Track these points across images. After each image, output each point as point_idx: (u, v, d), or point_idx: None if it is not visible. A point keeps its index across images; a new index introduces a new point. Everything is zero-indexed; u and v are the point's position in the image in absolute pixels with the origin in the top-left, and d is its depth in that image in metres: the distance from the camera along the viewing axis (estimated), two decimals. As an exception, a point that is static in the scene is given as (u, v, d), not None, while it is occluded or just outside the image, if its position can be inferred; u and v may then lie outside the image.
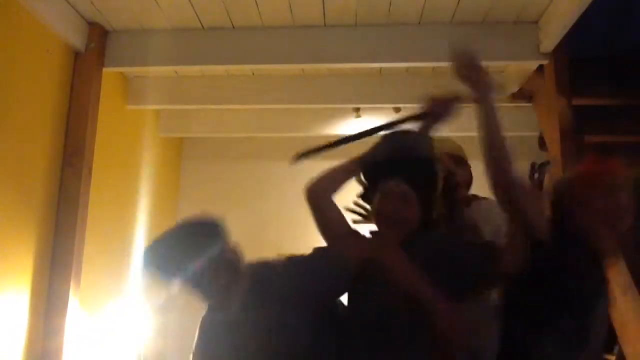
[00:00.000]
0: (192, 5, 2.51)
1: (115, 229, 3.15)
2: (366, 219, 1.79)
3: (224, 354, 1.44)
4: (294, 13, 2.57)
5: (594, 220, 1.41)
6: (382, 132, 1.61)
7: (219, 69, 3.14)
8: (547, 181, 2.79)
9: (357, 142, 1.61)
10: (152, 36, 2.72)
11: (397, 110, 3.43)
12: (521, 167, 1.79)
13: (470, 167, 2.01)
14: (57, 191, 2.50)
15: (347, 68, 3.10)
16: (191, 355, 1.52)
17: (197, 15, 2.59)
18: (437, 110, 1.64)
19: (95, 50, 2.65)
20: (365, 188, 1.57)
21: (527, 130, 3.23)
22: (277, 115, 3.61)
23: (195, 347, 1.50)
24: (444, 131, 1.68)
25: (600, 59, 2.91)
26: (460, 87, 1.58)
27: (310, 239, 1.74)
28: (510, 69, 3.06)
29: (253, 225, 3.61)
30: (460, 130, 3.47)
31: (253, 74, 3.23)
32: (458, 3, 2.47)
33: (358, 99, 3.25)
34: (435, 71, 3.14)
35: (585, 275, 1.41)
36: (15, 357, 2.22)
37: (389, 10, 2.54)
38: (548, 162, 2.86)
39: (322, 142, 1.67)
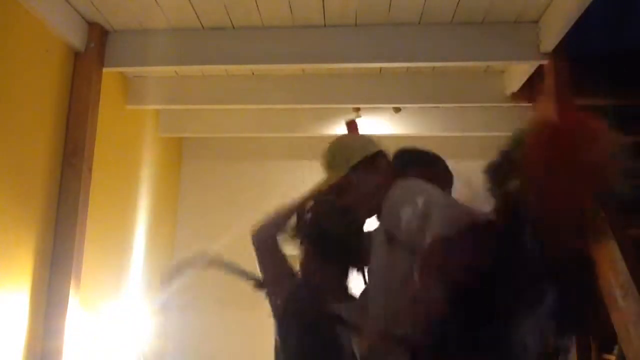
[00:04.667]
0: (192, 5, 2.51)
1: (115, 229, 3.15)
2: None
3: None
4: (294, 13, 2.57)
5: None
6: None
7: (219, 69, 3.14)
8: None
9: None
10: (152, 36, 2.72)
11: (397, 110, 3.43)
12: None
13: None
14: (57, 191, 2.50)
15: (347, 68, 3.10)
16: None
17: (197, 15, 2.59)
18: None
19: (95, 50, 2.65)
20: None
21: (527, 130, 3.23)
22: (277, 115, 3.61)
23: None
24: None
25: (600, 59, 2.91)
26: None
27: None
28: (510, 69, 3.06)
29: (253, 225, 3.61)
30: (460, 131, 3.49)
31: (253, 74, 3.23)
32: (458, 3, 2.47)
33: (358, 99, 3.25)
34: (435, 71, 3.15)
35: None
36: (15, 357, 2.22)
37: (389, 10, 2.54)
38: (548, 162, 2.85)
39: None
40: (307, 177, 1.75)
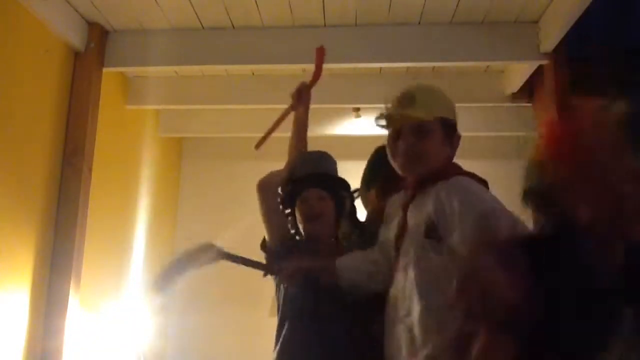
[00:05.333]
0: (192, 5, 2.51)
1: (115, 229, 3.15)
2: None
3: None
4: (294, 13, 2.57)
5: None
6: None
7: (219, 69, 3.14)
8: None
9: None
10: (152, 36, 2.72)
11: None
12: (521, 167, 1.73)
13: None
14: (57, 191, 2.50)
15: (347, 68, 3.10)
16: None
17: (197, 15, 2.59)
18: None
19: (95, 50, 2.65)
20: (283, 200, 1.81)
21: (527, 130, 3.24)
22: (277, 115, 3.60)
23: None
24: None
25: (600, 59, 2.91)
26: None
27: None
28: (510, 69, 3.06)
29: (252, 225, 3.61)
30: (460, 131, 3.48)
31: (253, 74, 3.23)
32: (458, 3, 2.47)
33: (358, 99, 3.25)
34: (435, 71, 3.14)
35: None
36: (15, 357, 2.22)
37: (389, 10, 2.54)
38: (548, 162, 2.85)
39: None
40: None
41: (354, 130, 3.48)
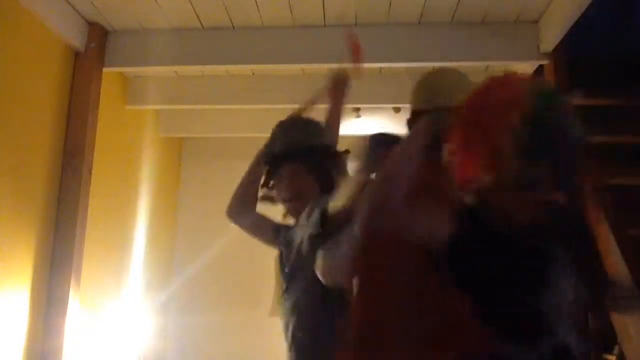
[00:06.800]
0: (192, 5, 2.51)
1: (115, 229, 3.15)
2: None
3: None
4: (294, 13, 2.57)
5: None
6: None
7: (219, 69, 3.14)
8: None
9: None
10: (152, 36, 2.72)
11: (397, 110, 3.43)
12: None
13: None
14: (57, 191, 2.51)
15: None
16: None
17: (197, 15, 2.60)
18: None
19: (95, 50, 2.65)
20: (267, 176, 1.73)
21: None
22: (277, 115, 3.60)
23: None
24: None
25: (600, 59, 2.91)
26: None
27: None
28: (510, 69, 3.06)
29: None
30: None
31: (253, 74, 3.23)
32: (458, 3, 2.48)
33: (358, 99, 3.24)
34: (435, 71, 3.14)
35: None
36: (15, 357, 2.22)
37: (389, 10, 2.54)
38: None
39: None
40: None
41: (354, 130, 3.48)
